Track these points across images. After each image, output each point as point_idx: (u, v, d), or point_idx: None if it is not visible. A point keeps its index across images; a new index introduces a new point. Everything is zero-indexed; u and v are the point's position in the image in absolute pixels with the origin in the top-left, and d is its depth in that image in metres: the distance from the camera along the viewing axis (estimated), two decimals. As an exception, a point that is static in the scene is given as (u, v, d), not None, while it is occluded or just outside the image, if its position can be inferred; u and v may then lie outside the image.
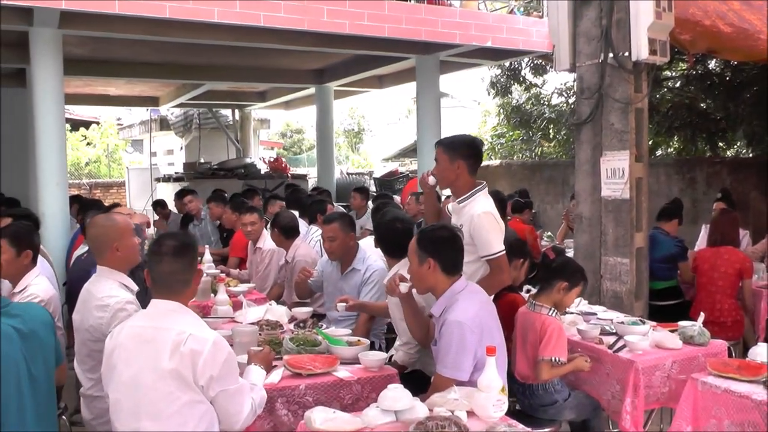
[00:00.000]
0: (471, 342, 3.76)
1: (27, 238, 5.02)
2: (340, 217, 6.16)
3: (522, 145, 20.21)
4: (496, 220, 4.65)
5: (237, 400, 3.34)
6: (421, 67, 11.26)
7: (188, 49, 11.11)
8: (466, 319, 3.79)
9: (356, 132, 46.64)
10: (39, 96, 8.50)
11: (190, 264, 3.42)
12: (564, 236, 10.11)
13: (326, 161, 15.95)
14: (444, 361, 3.83)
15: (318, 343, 4.50)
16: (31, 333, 3.43)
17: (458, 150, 4.74)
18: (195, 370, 3.16)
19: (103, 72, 13.13)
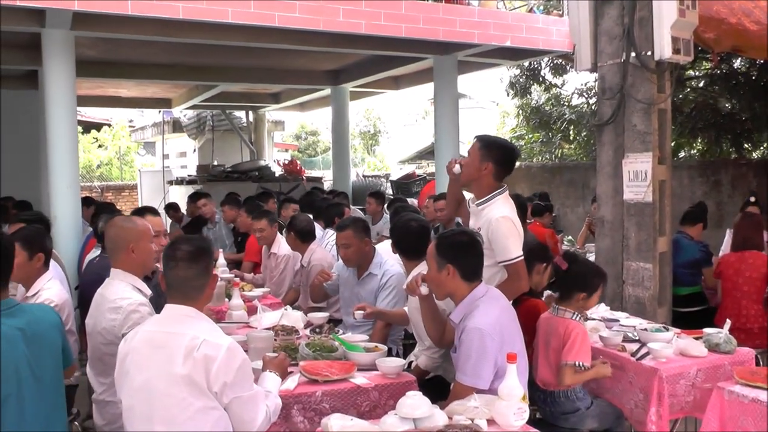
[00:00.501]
0: (491, 349, 3.75)
1: (39, 241, 5.07)
2: (353, 223, 6.16)
3: (542, 147, 20.17)
4: (515, 225, 4.63)
5: (251, 407, 3.34)
6: (438, 67, 11.25)
7: (201, 50, 11.14)
8: (486, 326, 3.78)
9: (372, 134, 46.67)
10: (51, 98, 8.54)
11: (204, 269, 3.44)
12: (585, 240, 10.08)
13: (342, 164, 15.95)
14: (464, 369, 3.82)
15: (335, 349, 4.51)
16: (36, 335, 3.47)
17: (492, 151, 4.77)
18: (208, 376, 3.17)
19: (115, 73, 13.16)
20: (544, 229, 9.47)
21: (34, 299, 4.89)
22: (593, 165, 8.13)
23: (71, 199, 8.68)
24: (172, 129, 22.84)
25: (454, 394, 3.82)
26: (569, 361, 4.40)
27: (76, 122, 9.05)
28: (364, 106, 44.23)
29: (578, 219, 14.64)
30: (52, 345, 3.55)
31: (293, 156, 34.63)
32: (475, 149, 4.81)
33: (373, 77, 13.69)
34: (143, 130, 27.61)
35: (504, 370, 3.42)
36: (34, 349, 3.42)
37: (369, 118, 46.54)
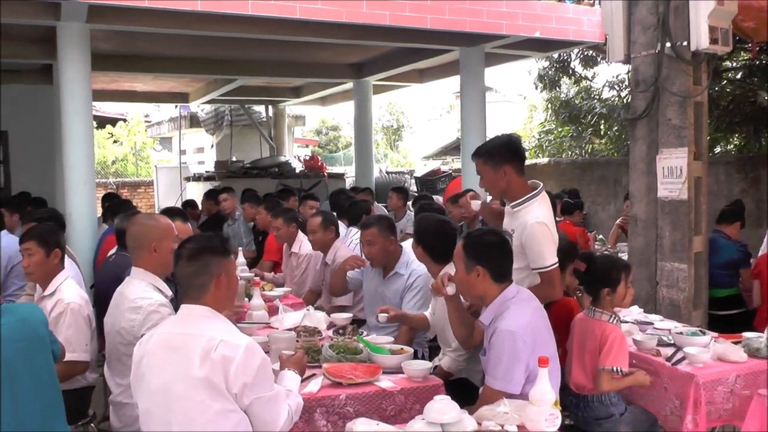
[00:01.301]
0: (523, 352, 3.74)
1: (54, 237, 5.16)
2: (378, 220, 6.14)
3: (571, 142, 20.09)
4: (550, 231, 4.56)
5: (273, 407, 3.35)
6: (465, 59, 11.22)
7: (220, 43, 11.18)
8: (519, 328, 3.77)
9: (395, 129, 46.72)
10: (66, 93, 8.59)
11: (203, 267, 3.42)
12: (617, 240, 10.03)
13: (364, 159, 15.96)
14: (494, 373, 3.81)
15: (359, 351, 4.52)
16: (33, 333, 3.53)
17: (499, 155, 4.65)
18: (227, 377, 3.18)
19: (131, 67, 13.25)
20: (575, 228, 9.44)
21: (51, 299, 4.94)
22: (625, 161, 8.09)
23: (87, 195, 8.73)
24: (189, 124, 22.94)
25: (483, 399, 3.82)
26: (607, 366, 4.38)
27: (92, 117, 9.11)
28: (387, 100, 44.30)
29: (609, 217, 14.57)
30: (43, 342, 3.60)
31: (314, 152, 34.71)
32: (483, 165, 4.69)
33: (397, 70, 13.68)
34: (159, 125, 27.75)
35: (535, 374, 3.41)
36: (31, 348, 3.46)
37: (392, 113, 46.60)
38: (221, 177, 15.73)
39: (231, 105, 20.04)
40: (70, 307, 4.85)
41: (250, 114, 20.30)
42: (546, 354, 3.48)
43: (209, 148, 24.39)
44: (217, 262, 3.45)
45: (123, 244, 5.91)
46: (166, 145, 35.66)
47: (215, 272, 3.42)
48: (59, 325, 4.72)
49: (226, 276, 3.47)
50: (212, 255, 3.46)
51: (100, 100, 19.85)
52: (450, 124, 42.87)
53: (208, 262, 3.44)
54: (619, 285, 4.58)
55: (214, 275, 3.42)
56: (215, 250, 3.49)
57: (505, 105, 40.20)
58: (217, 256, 3.47)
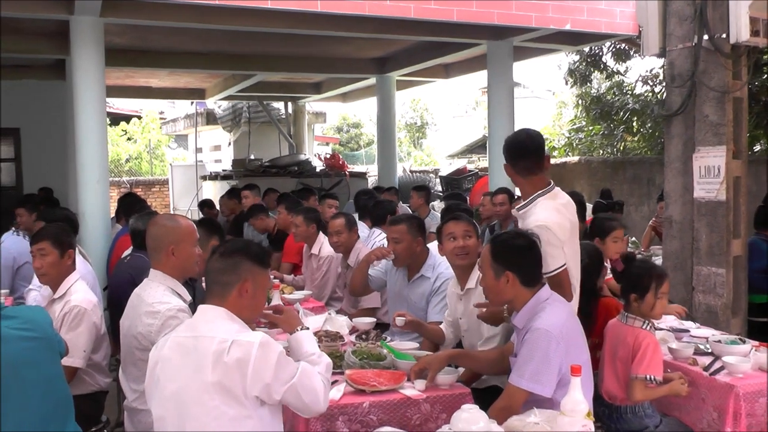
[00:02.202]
0: (556, 354, 3.72)
1: (68, 237, 5.20)
2: (408, 219, 6.11)
3: (603, 140, 19.99)
4: (554, 233, 4.24)
5: (307, 385, 3.34)
6: (492, 53, 11.20)
7: (238, 37, 11.21)
8: (554, 328, 3.76)
9: (419, 126, 46.70)
10: (79, 88, 8.64)
11: (233, 267, 3.44)
12: (650, 242, 9.97)
13: (388, 158, 15.96)
14: (521, 371, 3.78)
15: (383, 357, 4.51)
16: (40, 334, 3.56)
17: (505, 155, 4.54)
18: (244, 381, 3.18)
19: (146, 63, 13.31)
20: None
21: (61, 302, 4.98)
22: (660, 159, 8.05)
23: (100, 194, 8.78)
24: (205, 121, 23.04)
25: (505, 396, 3.81)
26: (640, 374, 4.34)
27: (106, 114, 9.16)
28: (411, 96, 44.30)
29: (642, 219, 14.47)
30: (50, 342, 3.63)
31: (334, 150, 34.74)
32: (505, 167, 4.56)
33: (422, 65, 13.68)
34: (175, 122, 27.86)
35: (567, 380, 3.39)
36: (34, 347, 3.50)
37: (416, 109, 46.59)
38: (239, 176, 15.77)
39: (249, 101, 20.13)
40: (76, 309, 4.89)
41: (269, 111, 20.34)
42: (579, 361, 3.45)
43: (226, 146, 24.48)
44: (248, 267, 3.46)
45: (138, 245, 5.96)
46: (182, 142, 35.81)
47: (243, 276, 3.43)
48: (61, 326, 4.75)
49: (253, 285, 3.46)
50: (245, 258, 3.47)
51: (114, 97, 19.96)
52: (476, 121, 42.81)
53: (239, 263, 3.45)
54: (647, 293, 4.51)
55: (242, 278, 3.42)
56: (250, 255, 3.50)
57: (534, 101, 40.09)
58: (251, 261, 3.48)
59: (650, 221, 10.33)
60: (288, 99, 20.33)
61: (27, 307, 3.97)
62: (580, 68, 17.69)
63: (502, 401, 3.78)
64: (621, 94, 18.91)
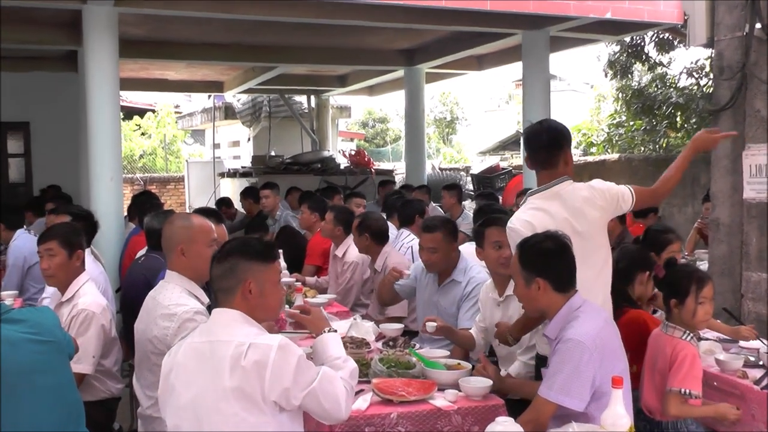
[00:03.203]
0: (589, 366, 3.69)
1: (77, 237, 5.22)
2: (443, 224, 6.03)
3: (644, 136, 19.88)
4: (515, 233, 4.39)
5: (328, 390, 3.33)
6: (528, 44, 11.17)
7: (259, 27, 11.24)
8: (587, 338, 3.73)
9: (449, 121, 46.67)
10: (92, 81, 8.69)
11: (229, 271, 3.43)
12: (695, 246, 9.89)
13: (416, 154, 15.96)
14: (550, 382, 3.76)
15: (411, 366, 4.51)
16: (51, 340, 3.59)
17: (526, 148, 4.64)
18: (263, 384, 3.18)
19: (162, 54, 13.40)
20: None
21: (70, 305, 5.01)
22: (705, 157, 7.98)
23: (114, 191, 8.84)
24: (223, 115, 23.11)
25: (533, 409, 3.80)
26: (675, 387, 4.28)
27: (120, 108, 9.20)
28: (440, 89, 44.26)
29: (687, 221, 14.36)
30: (59, 346, 3.67)
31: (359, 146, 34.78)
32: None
33: (453, 56, 13.67)
34: (191, 116, 28.00)
35: (602, 392, 3.37)
36: (44, 351, 3.53)
37: (445, 103, 46.61)
38: (259, 173, 15.76)
39: (270, 95, 20.16)
40: (84, 313, 4.92)
41: (291, 105, 20.38)
42: (615, 371, 3.42)
43: (245, 141, 24.55)
44: (245, 267, 3.43)
45: (153, 245, 5.98)
46: (199, 138, 35.99)
47: (242, 277, 3.41)
48: (69, 331, 4.76)
49: (257, 284, 3.43)
50: (242, 258, 3.45)
51: (128, 90, 20.10)
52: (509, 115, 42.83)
53: (236, 264, 3.43)
54: (687, 297, 4.45)
55: (241, 280, 3.41)
56: (247, 253, 3.47)
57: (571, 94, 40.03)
58: (248, 260, 3.45)
59: (695, 224, 10.25)
60: (311, 92, 20.36)
61: (34, 310, 4.00)
62: (620, 59, 17.62)
63: (529, 414, 3.76)
64: (664, 87, 18.80)
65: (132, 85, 18.01)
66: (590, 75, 28.78)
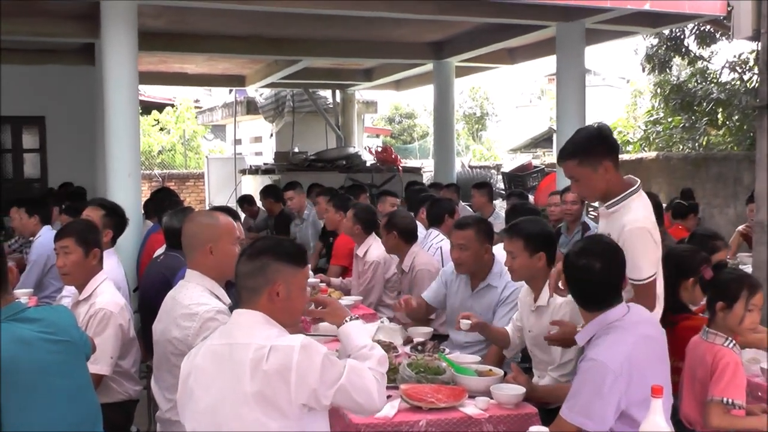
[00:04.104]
0: (612, 389, 3.68)
1: (94, 235, 5.22)
2: (477, 223, 6.00)
3: (683, 134, 19.78)
4: (651, 236, 4.32)
5: (357, 383, 3.30)
6: (562, 36, 11.13)
7: (281, 19, 11.24)
8: (612, 361, 3.70)
9: (478, 117, 46.58)
10: (110, 74, 8.72)
11: (259, 269, 3.40)
12: (738, 249, 9.81)
13: (445, 152, 15.95)
14: (571, 403, 3.77)
15: (441, 371, 4.49)
16: (67, 340, 3.60)
17: (597, 151, 4.43)
18: (288, 389, 3.15)
19: (182, 47, 13.41)
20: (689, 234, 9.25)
21: (86, 304, 5.03)
22: (749, 156, 7.92)
23: (132, 188, 8.87)
24: (245, 110, 23.16)
25: (555, 426, 3.79)
26: (716, 397, 4.23)
27: (138, 102, 9.23)
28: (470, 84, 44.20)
29: (729, 223, 14.27)
30: (76, 346, 3.68)
31: (386, 142, 34.78)
32: (579, 168, 4.44)
33: (484, 49, 13.62)
34: (212, 111, 28.08)
35: (630, 413, 3.34)
36: (61, 351, 3.54)
37: (475, 98, 46.52)
38: (282, 170, 15.78)
39: (293, 89, 20.19)
40: (102, 312, 4.93)
41: (315, 99, 20.40)
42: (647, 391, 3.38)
43: (268, 137, 24.61)
44: (277, 268, 3.40)
45: (172, 243, 5.99)
46: (219, 133, 36.10)
47: (272, 278, 3.38)
48: (86, 331, 4.77)
49: (286, 287, 3.40)
50: (274, 259, 3.41)
51: (147, 83, 20.12)
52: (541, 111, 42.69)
53: (267, 264, 3.40)
54: (736, 302, 4.40)
55: (270, 281, 3.38)
56: (280, 255, 3.43)
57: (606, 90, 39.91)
58: (280, 261, 3.42)
59: (739, 227, 10.16)
60: (336, 87, 20.38)
61: (50, 309, 4.01)
62: (658, 53, 17.55)
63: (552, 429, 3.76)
64: (705, 82, 18.70)
65: (150, 78, 18.08)
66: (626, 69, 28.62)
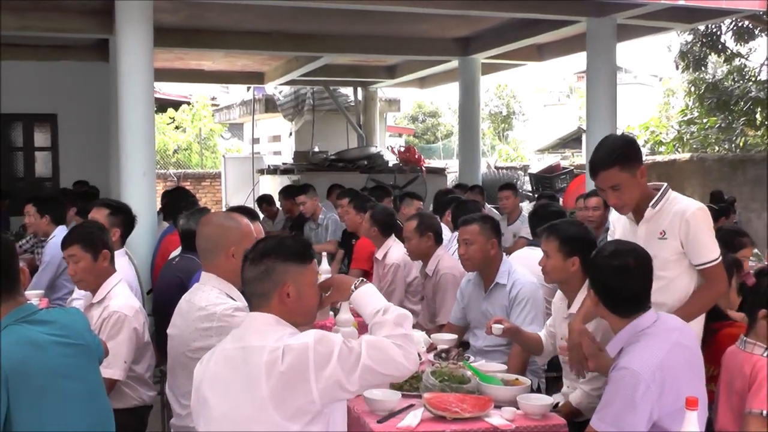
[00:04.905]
0: (645, 399, 3.66)
1: (100, 237, 5.20)
2: (482, 218, 6.08)
3: (719, 135, 19.70)
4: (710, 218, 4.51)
5: (379, 357, 3.26)
6: (593, 32, 11.10)
7: (301, 14, 11.27)
8: (644, 369, 3.69)
9: (505, 116, 46.47)
10: (124, 71, 8.74)
11: (265, 273, 3.39)
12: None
13: (470, 152, 15.93)
14: (602, 413, 3.77)
15: (466, 380, 4.47)
16: (80, 343, 3.62)
17: (635, 156, 4.55)
18: (309, 388, 3.16)
19: (199, 43, 13.45)
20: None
21: (100, 307, 5.03)
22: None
23: (146, 188, 8.88)
24: (264, 108, 23.18)
25: None
26: (755, 409, 4.18)
27: (153, 99, 9.26)
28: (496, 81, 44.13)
29: (766, 227, 14.21)
30: (89, 350, 3.71)
31: (409, 142, 34.76)
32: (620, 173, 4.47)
33: (511, 46, 13.64)
34: (229, 109, 28.14)
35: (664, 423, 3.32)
36: (73, 354, 3.56)
37: (501, 97, 46.41)
38: (301, 170, 15.79)
39: (314, 87, 20.22)
40: (116, 316, 4.92)
41: (336, 97, 20.43)
42: (681, 401, 3.35)
43: (287, 136, 24.65)
44: (283, 269, 3.39)
45: (188, 246, 5.99)
46: (237, 132, 36.19)
47: (280, 280, 3.37)
48: (99, 334, 4.79)
49: (295, 287, 3.39)
50: (278, 259, 3.40)
51: (162, 81, 20.22)
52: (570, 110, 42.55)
53: (272, 267, 3.39)
54: None
55: (279, 283, 3.37)
56: (284, 254, 3.42)
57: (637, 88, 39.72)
58: (285, 261, 3.41)
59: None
60: (357, 84, 20.38)
61: (63, 311, 4.03)
62: (693, 50, 17.49)
63: None
64: (742, 80, 18.63)
65: (166, 75, 18.15)
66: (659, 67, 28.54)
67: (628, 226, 4.72)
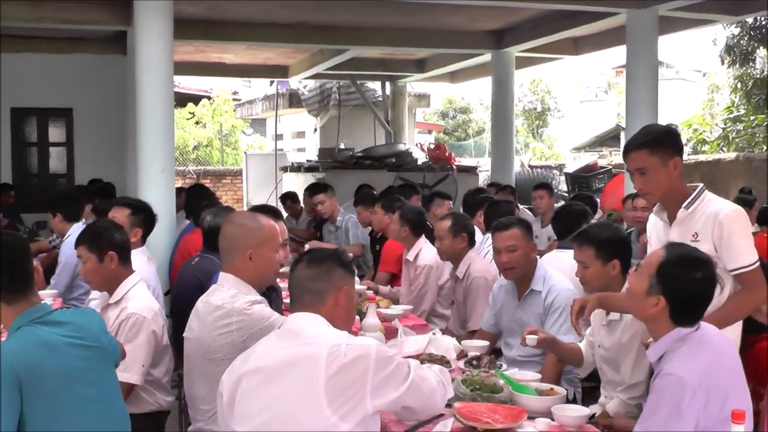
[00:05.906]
0: (691, 406, 3.60)
1: (106, 237, 5.18)
2: (519, 222, 6.05)
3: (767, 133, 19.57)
4: (747, 221, 4.46)
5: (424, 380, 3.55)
6: (633, 24, 11.06)
7: (327, 5, 11.30)
8: (690, 375, 3.63)
9: (539, 112, 46.33)
10: (143, 65, 8.80)
11: (326, 273, 3.56)
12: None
13: (503, 150, 15.92)
14: (647, 423, 3.72)
15: (498, 389, 4.43)
16: (96, 345, 3.67)
17: (670, 144, 4.51)
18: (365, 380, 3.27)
19: (221, 35, 13.53)
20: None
21: (117, 308, 5.05)
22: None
23: (165, 185, 8.95)
24: (287, 103, 23.19)
25: None
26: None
27: (173, 93, 9.29)
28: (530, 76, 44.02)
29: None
30: (105, 353, 3.74)
31: (438, 139, 34.70)
32: (650, 157, 4.46)
33: (546, 39, 13.61)
34: (251, 104, 28.15)
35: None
36: (88, 357, 3.60)
37: (535, 92, 46.27)
38: (326, 168, 15.74)
39: (340, 81, 20.26)
40: (134, 318, 4.94)
41: (363, 92, 20.41)
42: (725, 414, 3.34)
43: (311, 132, 24.68)
44: (341, 275, 3.59)
45: (210, 246, 6.01)
46: (259, 128, 36.28)
47: (338, 284, 3.56)
48: (116, 337, 4.80)
49: (347, 294, 3.60)
50: (337, 265, 3.61)
51: (181, 74, 20.25)
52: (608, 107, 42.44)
53: (332, 269, 3.58)
54: None
55: (336, 286, 3.55)
56: (341, 263, 3.64)
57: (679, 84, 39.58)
58: (342, 269, 3.62)
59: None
60: (385, 78, 20.43)
61: (78, 312, 4.04)
62: (740, 44, 17.43)
63: None
64: (792, 76, 18.52)
65: (186, 69, 18.21)
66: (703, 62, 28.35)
67: (662, 229, 4.71)
